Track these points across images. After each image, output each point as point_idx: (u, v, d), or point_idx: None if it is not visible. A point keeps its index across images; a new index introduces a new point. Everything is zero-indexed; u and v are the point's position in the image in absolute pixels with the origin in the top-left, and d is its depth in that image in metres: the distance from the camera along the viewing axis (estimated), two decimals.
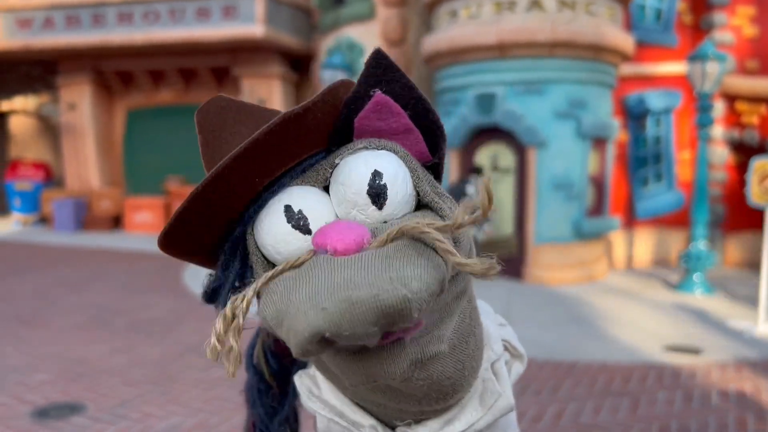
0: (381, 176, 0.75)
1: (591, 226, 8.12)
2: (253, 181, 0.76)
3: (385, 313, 0.58)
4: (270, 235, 0.75)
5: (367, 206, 0.75)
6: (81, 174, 13.88)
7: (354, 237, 0.69)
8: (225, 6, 11.52)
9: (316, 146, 0.81)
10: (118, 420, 3.81)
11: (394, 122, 0.80)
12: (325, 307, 0.59)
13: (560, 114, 7.87)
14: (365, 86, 0.80)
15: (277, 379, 1.09)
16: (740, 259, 9.39)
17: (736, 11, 9.18)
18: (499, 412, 0.88)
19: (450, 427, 0.86)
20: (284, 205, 0.76)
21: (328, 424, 0.93)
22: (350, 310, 0.58)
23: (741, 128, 9.14)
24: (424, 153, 0.83)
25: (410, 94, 0.81)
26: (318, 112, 0.77)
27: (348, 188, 0.75)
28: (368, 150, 0.78)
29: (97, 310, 6.55)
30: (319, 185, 0.79)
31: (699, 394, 4.30)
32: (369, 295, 0.58)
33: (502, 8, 7.85)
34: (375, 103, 0.79)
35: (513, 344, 1.01)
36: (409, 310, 0.59)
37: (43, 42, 12.55)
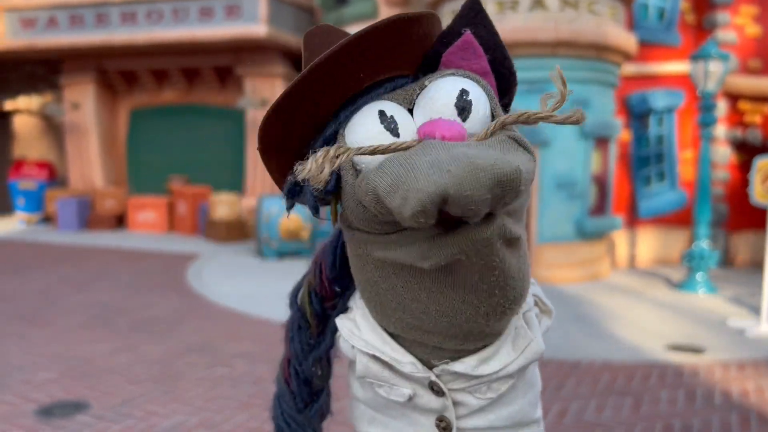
0: (468, 93, 0.84)
1: (593, 226, 8.12)
2: (358, 75, 0.84)
3: (500, 181, 0.65)
4: (362, 133, 0.82)
5: (453, 117, 0.82)
6: (84, 173, 13.92)
7: (458, 128, 0.78)
8: (228, 6, 11.53)
9: (408, 68, 0.89)
10: (121, 418, 3.83)
11: (475, 63, 0.89)
12: (449, 170, 0.64)
13: (563, 113, 7.85)
14: (458, 25, 0.92)
15: (316, 319, 1.13)
16: (743, 259, 9.38)
17: (739, 11, 9.16)
18: (532, 356, 0.94)
19: (485, 365, 0.92)
20: (379, 110, 0.83)
21: (367, 363, 0.98)
22: (473, 173, 0.63)
23: (744, 127, 9.13)
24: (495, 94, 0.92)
25: (494, 40, 0.92)
26: (420, 28, 0.87)
27: (437, 101, 0.83)
28: (456, 75, 0.87)
29: (101, 309, 6.57)
30: (405, 105, 0.86)
31: (702, 394, 4.30)
32: (489, 163, 0.65)
33: (505, 7, 7.85)
34: (464, 42, 0.89)
35: (542, 299, 1.07)
36: (519, 182, 0.66)
37: (46, 41, 12.58)
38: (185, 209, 12.69)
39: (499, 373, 0.92)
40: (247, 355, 5.05)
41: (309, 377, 1.15)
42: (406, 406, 0.99)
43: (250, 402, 4.06)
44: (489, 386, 0.95)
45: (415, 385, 0.96)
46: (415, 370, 0.93)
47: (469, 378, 0.93)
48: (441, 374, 0.94)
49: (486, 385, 0.94)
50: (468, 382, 0.94)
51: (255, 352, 5.11)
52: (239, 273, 8.61)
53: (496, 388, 0.95)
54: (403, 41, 0.85)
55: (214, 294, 7.32)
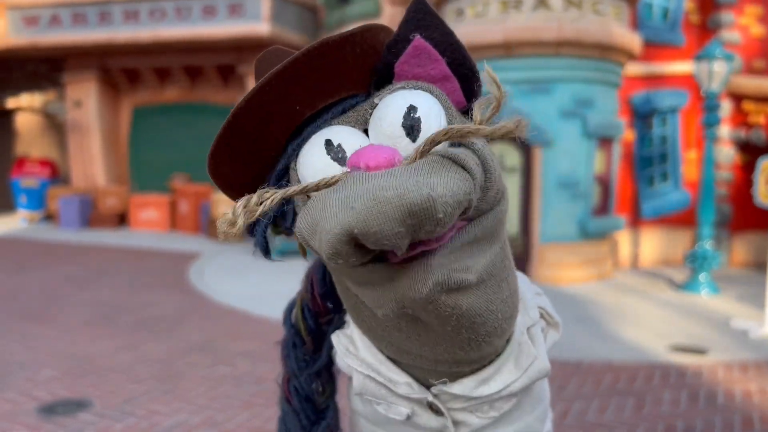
0: (416, 110, 0.77)
1: (596, 226, 8.10)
2: (294, 108, 0.78)
3: (410, 212, 0.59)
4: (310, 167, 0.78)
5: (402, 138, 0.77)
6: (87, 171, 13.93)
7: (386, 155, 0.71)
8: (231, 4, 11.53)
9: (357, 88, 0.83)
10: (124, 417, 3.83)
11: (432, 69, 0.82)
12: (353, 207, 0.60)
13: (566, 113, 7.85)
14: (405, 30, 0.82)
15: (311, 336, 1.11)
16: (746, 259, 9.36)
17: (744, 11, 9.14)
18: (535, 375, 0.89)
19: (485, 386, 0.87)
20: (325, 139, 0.78)
21: (364, 381, 0.95)
22: (377, 208, 0.59)
23: (748, 128, 9.11)
24: (460, 101, 0.86)
25: (448, 40, 0.84)
26: (356, 47, 0.80)
27: (383, 121, 0.78)
28: (405, 89, 0.81)
29: (103, 308, 6.58)
30: (359, 127, 0.81)
31: (704, 394, 4.29)
32: (395, 194, 0.60)
33: (509, 7, 7.84)
34: (414, 48, 0.81)
35: (549, 312, 1.03)
36: (434, 210, 0.60)
37: (49, 39, 12.59)
38: (187, 208, 12.69)
39: (501, 393, 0.88)
40: (249, 354, 5.05)
41: (310, 394, 1.11)
42: (406, 424, 0.97)
43: (252, 401, 4.06)
44: (491, 405, 0.91)
45: (413, 405, 0.93)
46: (411, 392, 0.90)
47: (468, 398, 0.89)
48: (439, 394, 0.90)
49: (488, 404, 0.91)
50: (468, 402, 0.90)
51: (257, 351, 5.10)
52: (241, 272, 8.61)
53: (499, 406, 0.92)
54: (336, 65, 0.79)
55: (216, 293, 7.32)
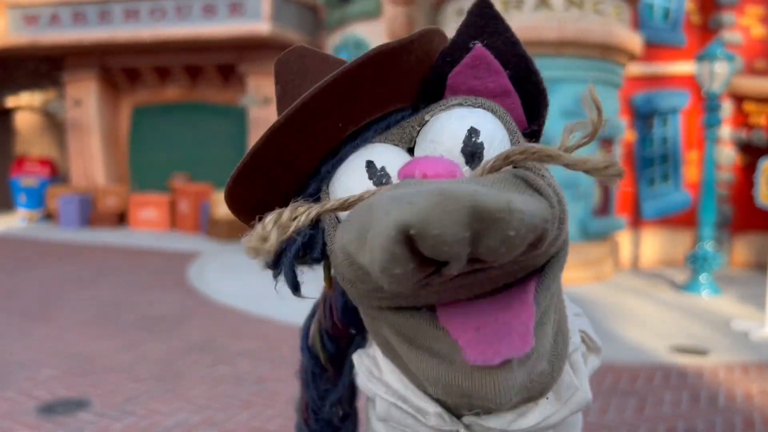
0: (478, 134, 0.68)
1: (597, 226, 8.09)
2: (336, 125, 0.69)
3: (480, 216, 0.48)
4: (349, 191, 0.68)
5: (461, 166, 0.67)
6: (86, 170, 13.92)
7: (446, 165, 0.62)
8: (231, 3, 11.52)
9: (404, 100, 0.73)
10: (124, 416, 3.81)
11: (491, 82, 0.72)
12: (413, 202, 0.48)
13: (567, 113, 7.84)
14: (465, 36, 0.73)
15: (332, 363, 1.03)
16: (747, 260, 9.35)
17: (745, 11, 9.14)
18: (576, 407, 0.81)
19: (523, 419, 0.78)
20: (366, 160, 0.69)
21: (389, 409, 0.85)
22: (441, 204, 0.47)
23: (749, 129, 9.10)
24: (521, 119, 0.76)
25: (513, 51, 0.75)
26: (411, 55, 0.70)
27: (440, 145, 0.68)
28: (464, 107, 0.71)
29: (103, 307, 6.56)
30: (404, 145, 0.72)
31: (706, 395, 4.28)
32: (466, 193, 0.48)
33: (510, 7, 7.83)
34: (473, 57, 0.72)
35: (590, 336, 0.94)
36: (508, 221, 0.49)
37: (49, 38, 12.58)
38: (187, 207, 12.68)
39: (539, 425, 0.80)
40: (249, 353, 5.03)
41: (329, 418, 1.06)
42: None
43: (252, 400, 4.05)
44: None
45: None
46: (442, 423, 0.80)
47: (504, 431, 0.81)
48: (471, 424, 0.81)
49: None
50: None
51: (257, 351, 5.09)
52: (241, 271, 8.59)
53: None
54: (390, 76, 0.69)
55: (216, 292, 7.30)
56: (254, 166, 0.70)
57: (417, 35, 0.69)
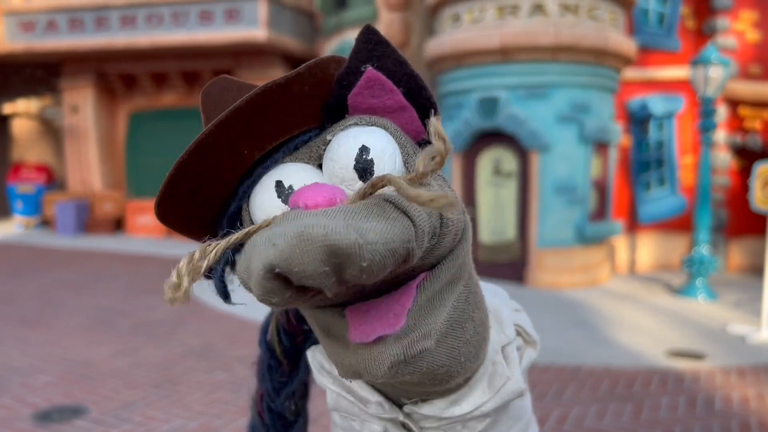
0: (368, 151, 0.74)
1: (593, 231, 8.11)
2: (243, 153, 0.75)
3: (333, 253, 0.57)
4: (262, 209, 0.75)
5: (354, 181, 0.74)
6: (83, 177, 13.90)
7: (326, 194, 0.68)
8: (228, 9, 11.54)
9: (309, 122, 0.80)
10: (120, 423, 3.81)
11: (388, 99, 0.79)
12: (276, 243, 0.58)
13: (563, 118, 7.87)
14: (356, 61, 0.80)
15: (287, 357, 1.10)
16: (743, 264, 9.37)
17: (739, 16, 9.18)
18: (508, 396, 0.87)
19: (456, 407, 0.85)
20: (275, 180, 0.75)
21: (337, 399, 0.94)
22: (299, 245, 0.57)
23: (744, 133, 9.14)
24: (420, 131, 0.82)
25: (402, 70, 0.81)
26: (304, 85, 0.76)
27: (336, 163, 0.75)
28: (358, 126, 0.78)
29: (100, 313, 6.55)
30: (313, 163, 0.79)
31: (702, 400, 4.29)
32: (319, 233, 0.57)
33: (505, 12, 7.86)
34: (367, 80, 0.78)
35: (526, 330, 1.01)
36: (359, 256, 0.57)
37: (46, 45, 12.58)
38: None
39: (473, 413, 0.86)
40: (246, 359, 5.03)
41: (282, 412, 1.12)
42: None
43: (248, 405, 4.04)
44: (464, 425, 0.89)
45: (385, 423, 0.92)
46: (382, 411, 0.89)
47: (440, 419, 0.87)
48: (411, 413, 0.89)
49: (461, 424, 0.88)
50: (439, 421, 0.88)
51: (254, 357, 5.08)
52: None
53: (473, 426, 0.89)
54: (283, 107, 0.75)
55: (213, 298, 7.28)
56: (171, 191, 0.76)
57: (306, 66, 0.76)
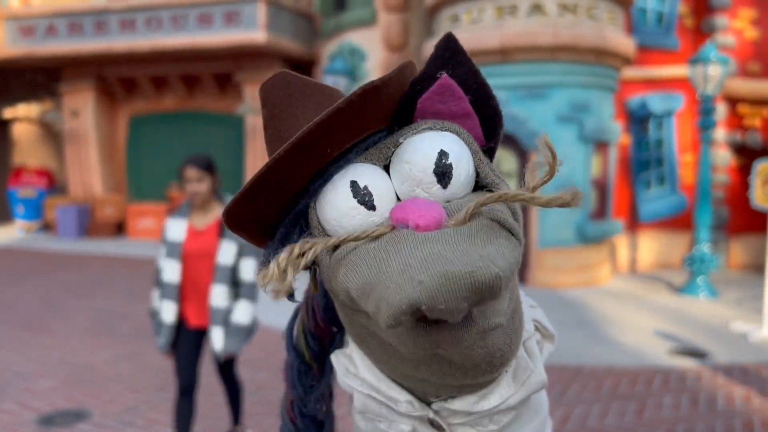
0: (447, 156, 0.77)
1: (594, 230, 8.11)
2: (326, 151, 0.77)
3: (477, 289, 0.60)
4: (335, 209, 0.77)
5: (432, 185, 0.76)
6: (84, 181, 13.91)
7: (434, 214, 0.71)
8: (227, 12, 11.55)
9: (380, 124, 0.82)
10: (123, 427, 3.81)
11: (455, 106, 0.83)
12: (422, 281, 0.59)
13: (562, 118, 7.87)
14: (433, 68, 0.83)
15: (317, 360, 1.10)
16: (744, 262, 9.37)
17: (738, 14, 9.19)
18: (533, 388, 0.90)
19: (485, 401, 0.88)
20: (350, 180, 0.77)
21: (365, 401, 0.95)
22: (446, 285, 0.59)
23: (743, 131, 9.14)
24: (480, 137, 0.86)
25: (474, 79, 0.85)
26: (390, 88, 0.80)
27: (414, 166, 0.77)
28: (433, 131, 0.80)
29: (102, 317, 6.56)
30: (380, 164, 0.81)
31: (705, 398, 4.29)
32: (465, 272, 0.59)
33: (504, 13, 7.86)
34: (440, 86, 0.82)
35: (544, 324, 1.03)
36: (500, 288, 0.61)
37: (46, 49, 12.59)
38: None
39: (500, 407, 0.89)
40: (248, 362, 5.03)
41: (315, 414, 1.13)
42: None
43: (251, 410, 4.05)
44: (491, 419, 0.92)
45: (414, 422, 0.94)
46: (412, 410, 0.91)
47: (469, 413, 0.91)
48: (439, 410, 0.91)
49: (488, 418, 0.92)
50: (468, 417, 0.91)
51: (256, 360, 5.09)
52: None
53: (498, 420, 0.93)
54: (372, 107, 0.78)
55: None
56: (253, 192, 0.77)
57: (395, 71, 0.79)
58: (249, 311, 3.11)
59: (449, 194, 0.77)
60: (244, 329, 3.11)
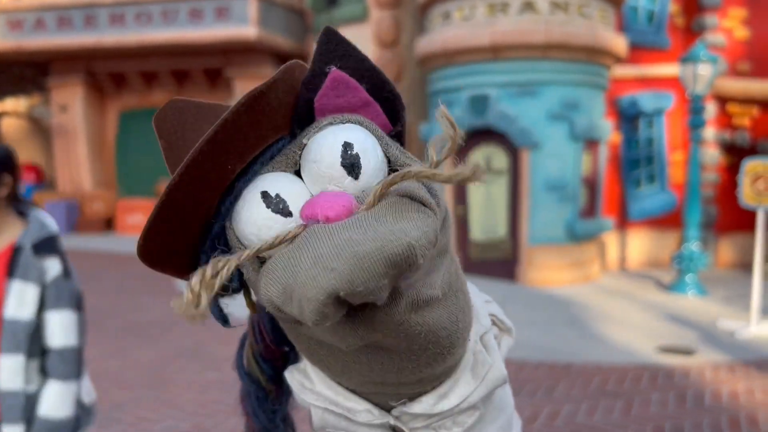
0: (352, 146, 0.75)
1: (584, 228, 8.14)
2: (226, 168, 0.74)
3: (393, 263, 0.59)
4: (250, 223, 0.74)
5: (343, 178, 0.74)
6: (73, 176, 13.82)
7: (343, 202, 0.69)
8: (218, 7, 11.50)
9: (280, 131, 0.80)
10: (111, 423, 3.79)
11: (352, 97, 0.81)
12: (333, 267, 0.58)
13: (553, 116, 7.89)
14: (320, 63, 0.81)
15: (273, 382, 1.06)
16: (732, 260, 9.44)
17: (728, 13, 9.23)
18: (492, 384, 0.88)
19: (445, 401, 0.86)
20: (260, 191, 0.74)
21: (323, 415, 0.92)
22: (359, 265, 0.58)
23: (732, 130, 9.19)
24: (386, 124, 0.84)
25: (364, 67, 0.83)
26: (279, 92, 0.77)
27: (321, 164, 0.75)
28: (333, 125, 0.79)
29: (90, 313, 6.47)
30: (290, 170, 0.79)
31: (692, 395, 4.32)
32: (374, 248, 0.59)
33: (496, 10, 7.86)
34: (332, 80, 0.80)
35: (500, 318, 1.02)
36: (415, 257, 0.60)
37: (34, 43, 12.49)
38: None
39: (461, 405, 0.86)
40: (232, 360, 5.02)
41: None
42: None
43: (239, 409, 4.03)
44: (454, 420, 0.89)
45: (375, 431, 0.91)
46: (372, 418, 0.89)
47: (429, 416, 0.88)
48: (400, 416, 0.88)
49: (450, 420, 0.89)
50: (429, 419, 0.88)
51: None
52: None
53: (462, 421, 0.89)
54: (262, 114, 0.75)
55: None
56: (160, 223, 0.74)
57: (280, 73, 0.77)
58: (66, 397, 2.02)
59: (363, 185, 0.75)
60: (59, 427, 1.97)
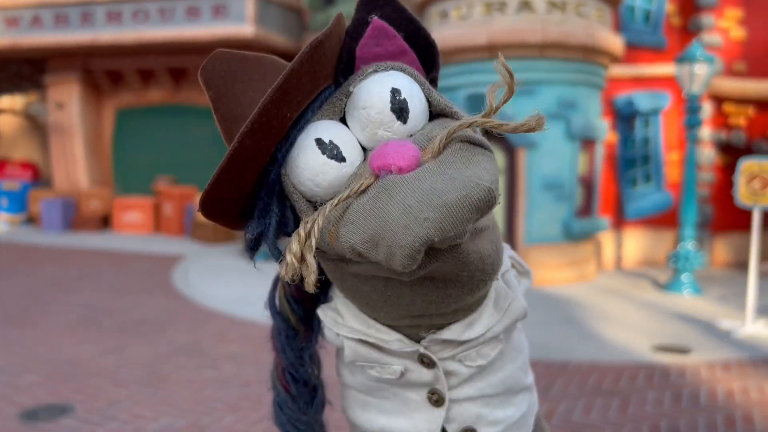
0: (400, 92, 0.79)
1: (580, 227, 8.16)
2: (286, 116, 0.78)
3: (477, 208, 0.64)
4: (307, 169, 0.78)
5: (393, 123, 0.79)
6: (69, 174, 13.79)
7: (411, 152, 0.73)
8: (215, 5, 11.48)
9: (328, 80, 0.84)
10: (107, 421, 3.79)
11: (391, 45, 0.86)
12: (427, 218, 0.63)
13: (550, 115, 7.89)
14: (362, 13, 0.87)
15: (303, 323, 1.12)
16: (728, 260, 9.46)
17: (724, 13, 9.25)
18: (514, 315, 0.95)
19: (471, 330, 0.92)
20: (315, 138, 0.78)
21: (355, 347, 0.97)
22: (450, 214, 0.62)
23: (728, 129, 9.22)
24: (420, 70, 0.89)
25: (401, 16, 0.88)
26: (332, 41, 0.82)
27: (371, 109, 0.79)
28: (378, 72, 0.83)
29: (87, 311, 6.51)
30: (336, 117, 0.83)
31: (688, 394, 4.33)
32: (460, 196, 0.63)
33: (493, 9, 7.87)
34: (373, 29, 0.85)
35: (518, 261, 1.08)
36: (494, 199, 0.66)
37: (31, 41, 12.45)
38: (171, 210, 12.60)
39: (486, 335, 0.92)
40: (234, 356, 5.02)
41: (307, 379, 1.14)
42: (398, 385, 0.99)
43: (237, 404, 4.04)
44: (478, 352, 0.94)
45: (405, 361, 0.96)
46: (403, 346, 0.93)
47: (457, 344, 0.93)
48: (429, 345, 0.94)
49: (475, 351, 0.94)
50: (456, 348, 0.94)
51: (243, 354, 5.08)
52: (226, 274, 8.56)
53: (485, 353, 0.95)
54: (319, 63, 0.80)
55: (201, 295, 7.27)
56: (229, 170, 0.78)
57: (333, 24, 0.82)
58: None
59: (410, 128, 0.79)
60: None
